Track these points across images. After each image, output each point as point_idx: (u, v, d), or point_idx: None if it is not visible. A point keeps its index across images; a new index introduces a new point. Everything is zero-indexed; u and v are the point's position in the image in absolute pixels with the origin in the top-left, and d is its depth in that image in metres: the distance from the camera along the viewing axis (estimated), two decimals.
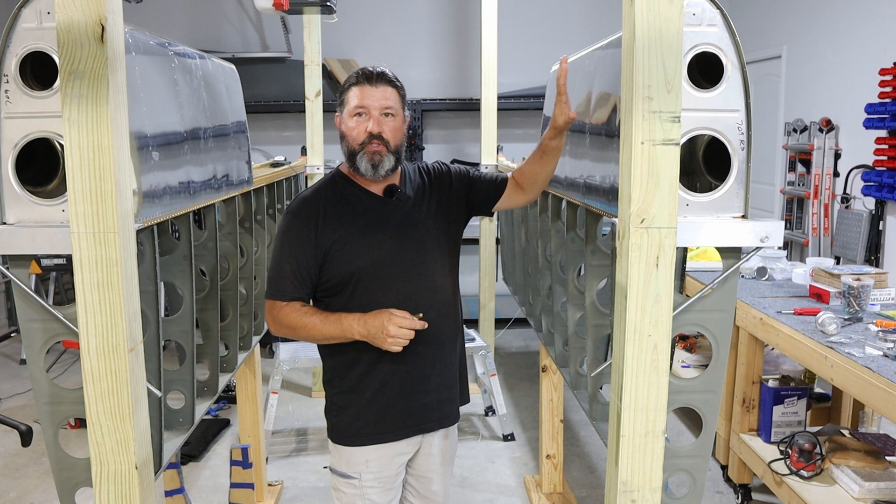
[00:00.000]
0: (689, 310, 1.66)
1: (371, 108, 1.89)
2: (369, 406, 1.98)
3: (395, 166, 1.94)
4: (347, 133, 1.92)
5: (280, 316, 1.92)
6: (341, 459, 2.02)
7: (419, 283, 1.95)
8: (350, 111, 1.91)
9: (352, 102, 1.91)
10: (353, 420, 1.99)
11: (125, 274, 1.46)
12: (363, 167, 1.91)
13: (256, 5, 4.26)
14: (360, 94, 1.90)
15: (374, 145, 1.89)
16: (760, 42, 6.03)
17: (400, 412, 1.99)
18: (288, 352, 4.06)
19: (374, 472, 2.00)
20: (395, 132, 1.92)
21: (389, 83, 1.92)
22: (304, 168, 4.50)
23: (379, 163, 1.90)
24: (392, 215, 1.97)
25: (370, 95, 1.89)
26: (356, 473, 2.00)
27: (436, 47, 6.70)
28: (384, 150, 1.90)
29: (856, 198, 4.91)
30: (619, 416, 1.53)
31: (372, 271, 1.92)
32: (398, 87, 1.95)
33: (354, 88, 1.91)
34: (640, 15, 1.39)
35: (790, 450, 2.80)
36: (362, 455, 1.99)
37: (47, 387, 1.65)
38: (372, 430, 1.99)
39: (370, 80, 1.90)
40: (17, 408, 4.49)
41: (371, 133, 1.89)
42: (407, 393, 1.98)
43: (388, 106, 1.90)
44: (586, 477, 3.60)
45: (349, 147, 1.92)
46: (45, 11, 1.53)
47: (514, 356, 5.49)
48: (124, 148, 1.47)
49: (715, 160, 1.69)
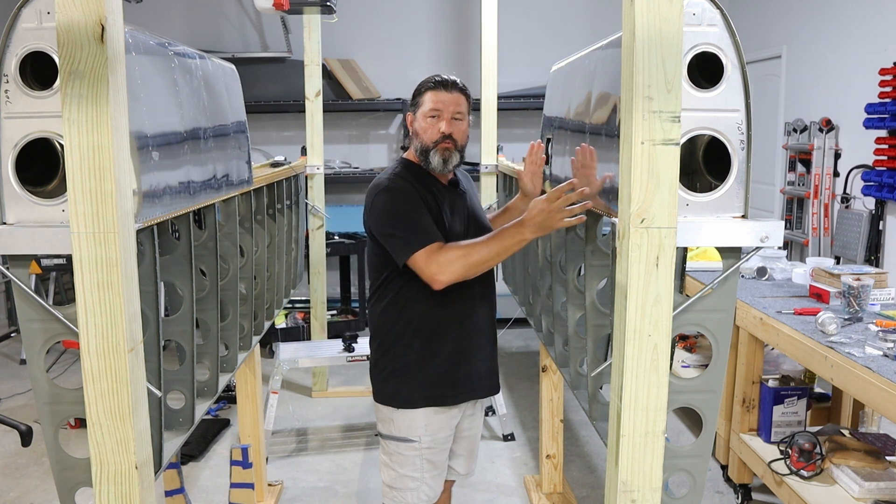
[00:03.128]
0: (689, 310, 1.66)
1: (444, 111, 2.16)
2: (434, 371, 2.22)
3: (460, 163, 2.23)
4: (422, 131, 2.19)
5: (444, 253, 2.05)
6: (402, 424, 2.24)
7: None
8: (425, 112, 2.18)
9: (427, 105, 2.17)
10: (418, 384, 2.22)
11: (125, 274, 1.46)
12: (435, 161, 2.18)
13: (256, 5, 4.26)
14: (435, 98, 2.16)
15: (446, 144, 2.16)
16: (760, 42, 6.03)
17: (459, 377, 2.24)
18: (288, 352, 4.07)
19: (431, 434, 2.24)
20: (462, 134, 2.20)
21: (461, 91, 2.19)
22: (304, 168, 4.50)
23: (448, 158, 2.18)
24: (460, 203, 2.28)
25: (444, 100, 2.16)
26: (416, 437, 2.23)
27: (436, 47, 6.70)
28: (453, 148, 2.18)
29: (856, 198, 4.91)
30: (619, 416, 1.53)
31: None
32: (467, 95, 2.22)
33: (430, 93, 2.17)
34: (640, 15, 1.39)
35: (790, 450, 2.80)
36: (423, 418, 2.22)
37: (47, 387, 1.65)
38: (436, 394, 2.23)
39: (446, 86, 2.17)
40: (17, 408, 4.49)
41: (444, 133, 2.15)
42: (466, 360, 2.25)
43: (459, 111, 2.18)
44: (586, 477, 3.60)
45: (423, 143, 2.18)
46: (45, 11, 1.53)
47: (514, 356, 5.49)
48: (124, 148, 1.47)
49: (715, 160, 1.69)
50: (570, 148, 2.32)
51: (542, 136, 2.76)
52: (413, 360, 2.23)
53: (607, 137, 1.90)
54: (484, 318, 2.31)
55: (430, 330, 2.21)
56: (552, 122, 2.64)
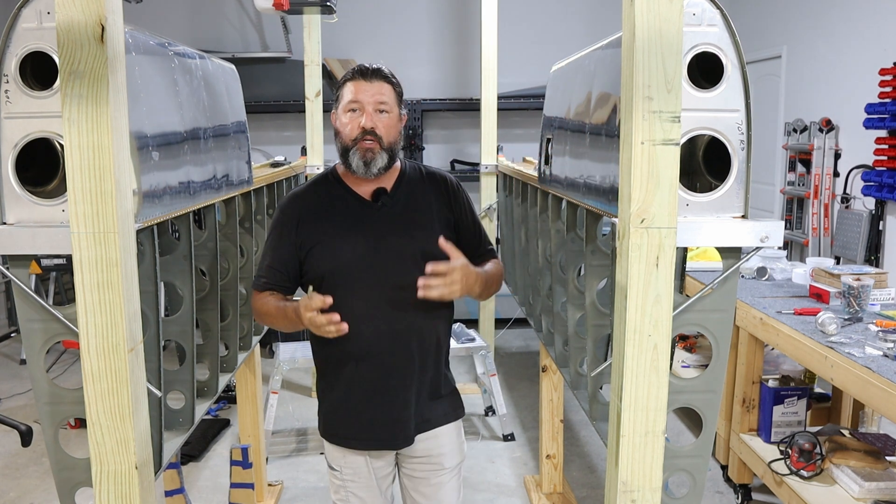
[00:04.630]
0: (689, 310, 1.66)
1: (365, 102, 1.86)
2: (339, 407, 1.98)
3: (389, 165, 1.91)
4: (341, 129, 1.90)
5: (253, 303, 1.99)
6: (328, 449, 2.05)
7: (389, 293, 1.90)
8: (344, 106, 1.89)
9: (346, 97, 1.89)
10: (326, 417, 2.02)
11: (125, 274, 1.46)
12: (355, 164, 1.88)
13: (256, 5, 4.26)
14: (354, 89, 1.88)
15: (367, 142, 1.86)
16: (760, 42, 6.03)
17: (366, 421, 1.95)
18: (288, 352, 4.06)
19: (350, 468, 2.00)
20: (389, 129, 1.89)
21: (384, 79, 1.90)
22: (304, 168, 4.49)
23: (371, 160, 1.87)
24: (373, 220, 1.93)
25: (364, 90, 1.87)
26: (337, 466, 2.02)
27: (436, 47, 6.70)
28: (377, 146, 1.87)
29: (856, 198, 4.91)
30: (619, 416, 1.53)
31: (343, 273, 1.90)
32: (394, 84, 1.92)
33: (349, 84, 1.89)
34: (640, 15, 1.39)
35: (790, 450, 2.80)
36: (340, 451, 2.01)
37: (47, 387, 1.65)
38: (341, 433, 1.99)
39: (365, 75, 1.88)
40: (17, 408, 4.48)
41: (364, 128, 1.85)
42: (372, 403, 1.94)
43: (383, 101, 1.87)
44: (586, 477, 3.60)
45: (342, 143, 1.90)
46: (45, 11, 1.53)
47: (514, 356, 5.49)
48: (124, 148, 1.47)
49: (715, 160, 1.69)
50: (571, 148, 2.32)
51: (542, 136, 2.76)
52: (325, 390, 2.02)
53: (607, 137, 1.90)
54: (402, 361, 1.92)
55: (321, 360, 1.99)
56: (552, 122, 2.64)
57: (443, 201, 2.00)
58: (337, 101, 1.93)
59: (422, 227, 1.94)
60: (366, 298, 1.90)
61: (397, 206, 1.95)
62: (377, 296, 1.90)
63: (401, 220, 1.94)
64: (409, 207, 1.96)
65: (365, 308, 1.89)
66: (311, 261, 1.93)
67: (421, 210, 1.96)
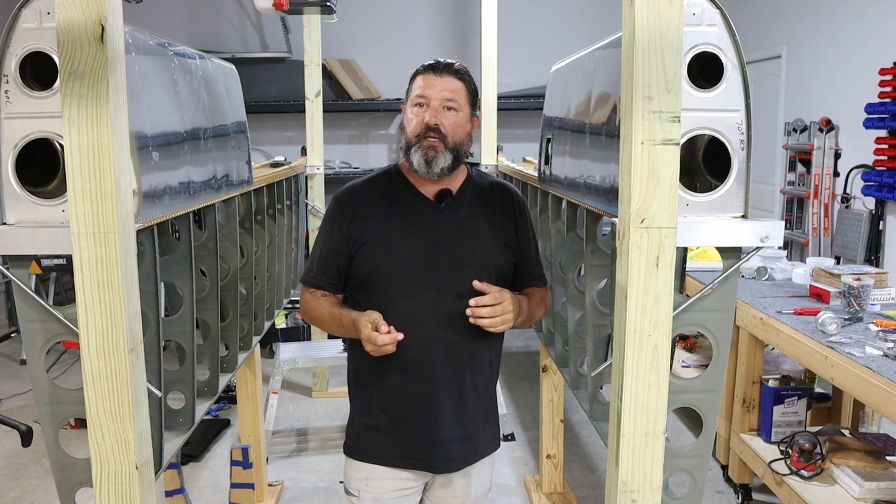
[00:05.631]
0: (689, 310, 1.66)
1: (432, 98, 1.76)
2: (377, 421, 1.86)
3: (454, 166, 1.80)
4: (406, 124, 1.80)
5: (302, 301, 1.90)
6: (347, 472, 1.93)
7: (443, 300, 1.79)
8: (412, 101, 1.80)
9: (414, 91, 1.79)
10: (360, 431, 1.90)
11: (125, 274, 1.46)
12: (416, 161, 1.77)
13: (256, 5, 4.27)
14: (423, 83, 1.78)
15: (430, 139, 1.75)
16: (760, 42, 6.03)
17: (406, 438, 1.84)
18: (288, 352, 4.07)
19: (372, 492, 1.87)
20: (455, 128, 1.78)
21: (456, 74, 1.79)
22: (304, 168, 4.50)
23: (433, 159, 1.76)
24: (434, 222, 1.82)
25: (432, 85, 1.76)
26: (355, 490, 1.90)
27: (436, 47, 6.70)
28: (441, 145, 1.76)
29: (856, 198, 4.91)
30: (619, 416, 1.53)
31: (395, 273, 1.80)
32: (466, 81, 1.81)
33: (419, 77, 1.80)
34: (640, 15, 1.39)
35: (790, 450, 2.80)
36: (364, 472, 1.88)
37: (47, 387, 1.64)
38: (376, 450, 1.87)
39: (436, 69, 1.78)
40: (17, 408, 4.48)
41: (428, 125, 1.75)
42: (416, 419, 1.82)
43: (451, 98, 1.77)
44: (586, 477, 3.60)
45: (406, 138, 1.80)
46: (45, 11, 1.53)
47: (514, 356, 5.49)
48: (124, 148, 1.47)
49: (715, 160, 1.69)
50: (571, 148, 2.32)
51: (542, 136, 2.76)
52: (361, 404, 1.90)
53: (607, 137, 1.89)
54: (449, 375, 1.82)
55: (360, 367, 1.88)
56: (552, 122, 2.64)
57: (508, 215, 1.90)
58: (407, 95, 1.84)
59: (484, 236, 1.85)
60: (417, 302, 1.79)
61: (461, 211, 1.85)
62: (430, 301, 1.79)
63: (464, 225, 1.84)
64: (473, 214, 1.86)
65: (416, 313, 1.78)
66: (361, 257, 1.82)
67: (485, 219, 1.86)
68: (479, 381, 1.87)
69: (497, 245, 1.86)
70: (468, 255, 1.82)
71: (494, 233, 1.87)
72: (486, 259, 1.83)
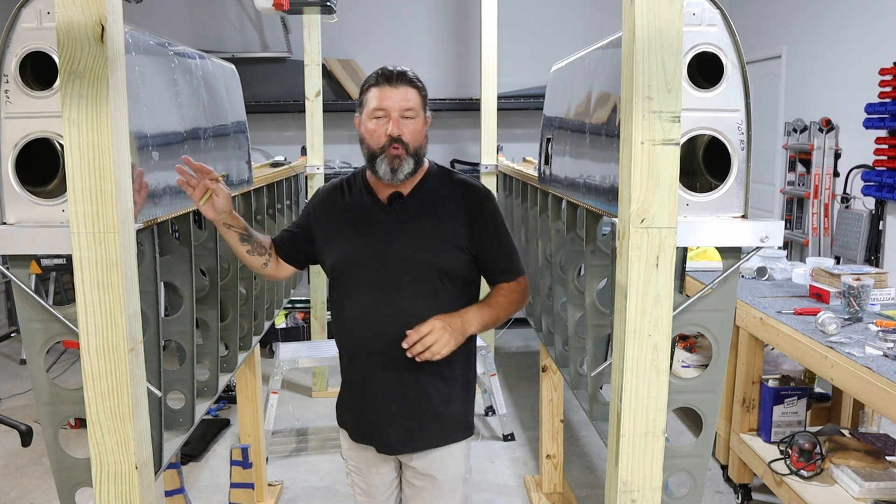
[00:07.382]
0: (689, 310, 1.66)
1: (391, 109, 1.86)
2: (341, 397, 2.10)
3: (415, 169, 1.91)
4: (367, 136, 1.89)
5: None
6: (341, 436, 2.15)
7: (385, 299, 1.91)
8: (369, 113, 1.88)
9: (371, 104, 1.88)
10: (336, 403, 2.14)
11: (125, 274, 1.46)
12: (382, 171, 1.88)
13: (256, 5, 4.27)
14: (379, 95, 1.87)
15: (394, 149, 1.86)
16: (760, 42, 6.03)
17: (355, 414, 2.05)
18: (288, 352, 4.07)
19: (352, 459, 2.12)
20: (414, 134, 1.88)
21: (409, 83, 1.89)
22: (304, 168, 4.50)
23: (398, 167, 1.87)
24: (383, 224, 1.93)
25: (390, 97, 1.86)
26: (346, 455, 2.15)
27: (436, 47, 6.70)
28: (404, 153, 1.87)
29: (856, 198, 4.91)
30: (619, 416, 1.53)
31: (348, 272, 1.97)
32: (419, 88, 1.91)
33: (374, 89, 1.88)
34: (640, 15, 1.39)
35: (790, 450, 2.80)
36: (345, 440, 2.12)
37: (47, 387, 1.64)
38: (342, 419, 2.11)
39: (390, 80, 1.87)
40: (17, 408, 4.49)
41: (391, 136, 1.85)
42: (358, 400, 2.02)
43: (409, 107, 1.87)
44: (586, 477, 3.60)
45: (369, 150, 1.89)
46: (45, 11, 1.53)
47: (514, 356, 5.49)
48: (124, 148, 1.47)
49: (715, 160, 1.69)
50: (571, 148, 2.32)
51: (542, 136, 2.76)
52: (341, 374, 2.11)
53: (607, 137, 1.90)
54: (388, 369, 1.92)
55: (339, 345, 2.06)
56: (552, 122, 2.64)
57: (461, 216, 1.95)
58: (361, 106, 1.92)
59: (428, 239, 1.92)
60: (366, 299, 1.93)
61: (410, 213, 1.94)
62: (377, 299, 1.92)
63: (411, 227, 1.93)
64: (422, 215, 1.94)
65: (364, 309, 1.93)
66: (322, 254, 2.02)
67: (434, 218, 1.94)
68: (422, 376, 1.94)
69: (444, 247, 1.93)
70: (411, 257, 1.91)
71: (441, 235, 1.93)
72: (429, 261, 1.91)
